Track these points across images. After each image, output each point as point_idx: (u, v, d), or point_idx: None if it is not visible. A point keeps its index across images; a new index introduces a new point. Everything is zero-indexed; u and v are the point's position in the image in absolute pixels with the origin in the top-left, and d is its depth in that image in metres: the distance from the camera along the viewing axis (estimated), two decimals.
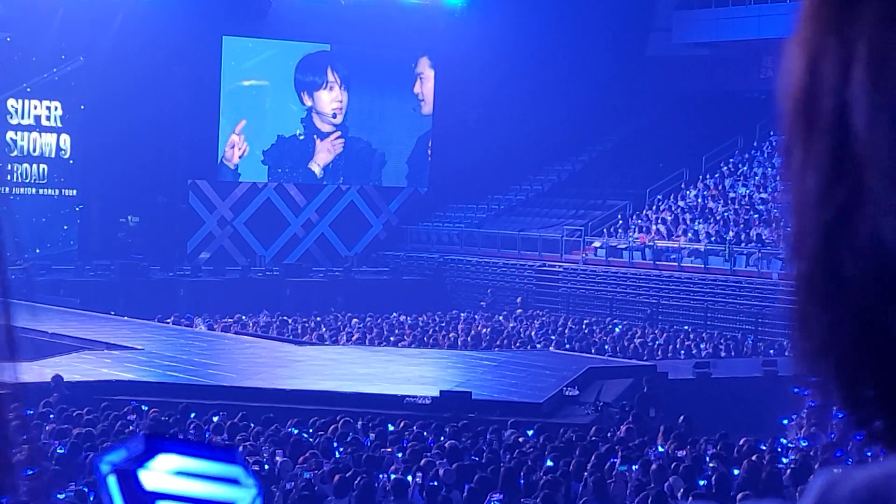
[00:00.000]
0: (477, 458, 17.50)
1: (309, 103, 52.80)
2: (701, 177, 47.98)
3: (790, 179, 0.78)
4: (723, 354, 33.66)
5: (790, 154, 0.78)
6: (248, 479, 1.27)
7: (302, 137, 52.78)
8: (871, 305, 0.73)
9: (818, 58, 0.74)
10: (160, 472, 1.25)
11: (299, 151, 52.65)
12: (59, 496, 13.45)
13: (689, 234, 43.35)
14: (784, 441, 20.73)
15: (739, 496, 14.38)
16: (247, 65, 51.30)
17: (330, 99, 53.01)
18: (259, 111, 51.66)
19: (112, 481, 1.24)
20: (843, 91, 0.72)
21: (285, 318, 38.23)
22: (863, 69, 0.71)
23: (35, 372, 24.28)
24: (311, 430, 19.51)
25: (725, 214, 44.11)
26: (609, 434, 20.53)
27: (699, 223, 44.00)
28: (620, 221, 46.53)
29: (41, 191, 47.05)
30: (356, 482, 15.11)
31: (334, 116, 53.20)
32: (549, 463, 17.15)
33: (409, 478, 15.96)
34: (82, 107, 47.35)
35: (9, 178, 46.30)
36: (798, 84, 0.76)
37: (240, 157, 51.48)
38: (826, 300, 0.75)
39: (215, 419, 20.11)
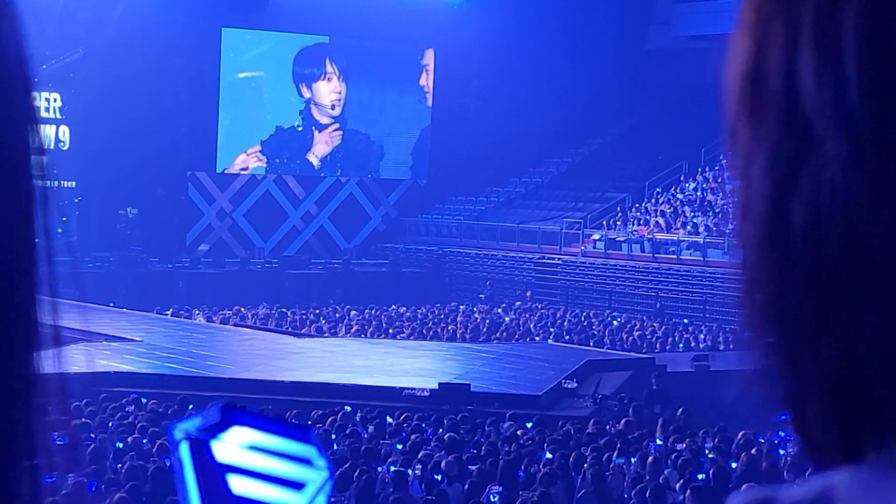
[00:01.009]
0: (475, 451, 17.50)
1: (307, 95, 52.78)
2: (700, 169, 47.98)
3: (737, 156, 0.83)
4: (721, 347, 33.65)
5: (737, 133, 0.84)
6: (320, 461, 1.26)
7: (300, 129, 52.77)
8: (821, 255, 0.76)
9: (766, 37, 0.82)
10: (233, 445, 1.24)
11: (297, 143, 52.62)
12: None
13: (689, 227, 43.34)
14: (782, 434, 20.73)
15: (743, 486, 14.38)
16: (246, 56, 51.27)
17: (328, 90, 52.99)
18: (258, 103, 51.63)
19: (184, 449, 1.24)
20: (790, 60, 0.79)
21: (284, 310, 38.22)
22: (809, 38, 0.78)
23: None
24: (309, 423, 19.51)
25: (725, 207, 44.09)
26: (608, 426, 20.53)
27: (698, 216, 43.99)
28: (619, 214, 46.52)
29: (40, 182, 46.99)
30: (356, 475, 15.11)
31: (332, 108, 53.17)
32: (548, 455, 17.14)
33: (409, 470, 15.96)
34: (82, 98, 47.31)
35: None
36: (746, 64, 0.83)
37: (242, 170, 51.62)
38: (776, 258, 0.80)
39: None
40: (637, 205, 46.81)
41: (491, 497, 14.90)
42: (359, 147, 53.76)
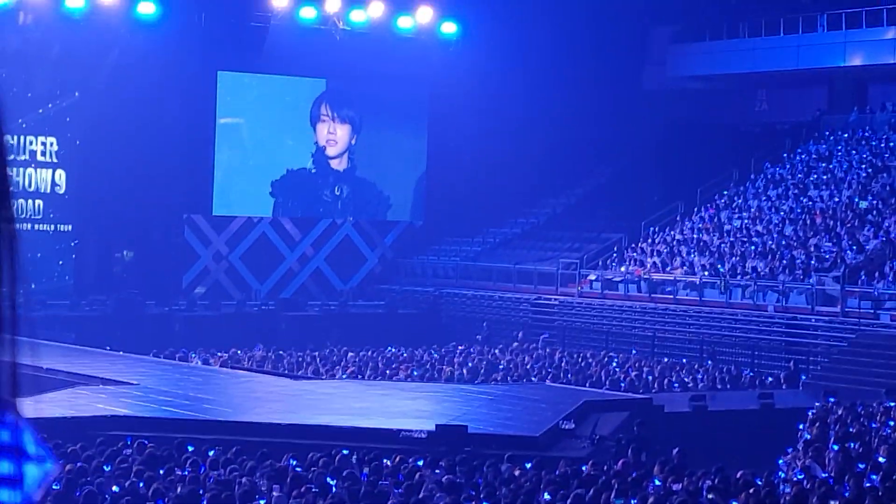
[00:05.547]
0: (474, 493, 17.44)
1: (314, 138, 52.72)
2: (696, 209, 48.02)
3: None
4: (719, 387, 33.60)
5: None
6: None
7: (313, 171, 52.64)
8: None
9: None
10: None
11: (308, 185, 52.47)
12: None
13: (685, 267, 43.35)
14: (781, 474, 20.69)
15: None
16: (242, 100, 51.30)
17: (325, 132, 52.93)
18: (254, 147, 51.59)
19: None
20: None
21: (281, 352, 38.17)
22: None
23: (30, 408, 24.18)
24: (306, 465, 19.43)
25: (721, 247, 44.13)
26: (605, 467, 20.47)
27: (694, 255, 44.01)
28: (615, 254, 46.51)
29: (37, 226, 47.03)
30: None
31: (324, 150, 52.91)
32: (547, 496, 17.08)
33: None
34: (77, 142, 47.36)
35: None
36: None
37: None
38: None
39: (211, 454, 20.03)
40: (633, 245, 46.84)
41: None
42: (364, 186, 53.58)
